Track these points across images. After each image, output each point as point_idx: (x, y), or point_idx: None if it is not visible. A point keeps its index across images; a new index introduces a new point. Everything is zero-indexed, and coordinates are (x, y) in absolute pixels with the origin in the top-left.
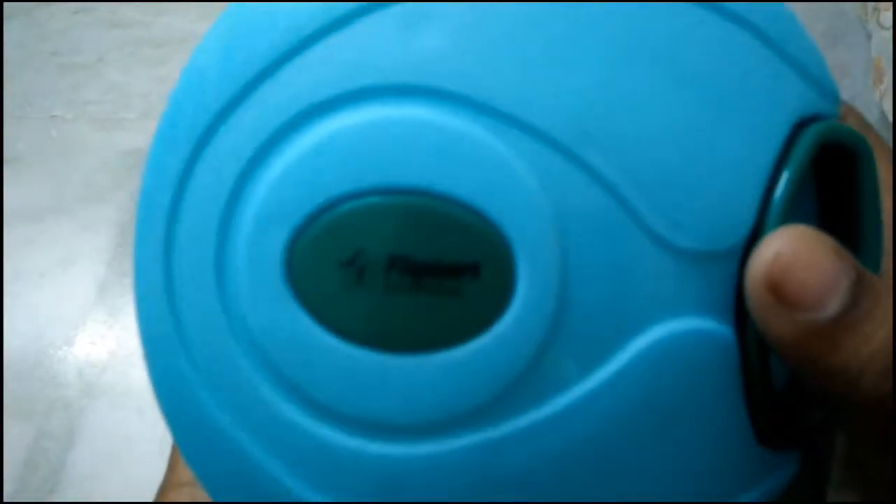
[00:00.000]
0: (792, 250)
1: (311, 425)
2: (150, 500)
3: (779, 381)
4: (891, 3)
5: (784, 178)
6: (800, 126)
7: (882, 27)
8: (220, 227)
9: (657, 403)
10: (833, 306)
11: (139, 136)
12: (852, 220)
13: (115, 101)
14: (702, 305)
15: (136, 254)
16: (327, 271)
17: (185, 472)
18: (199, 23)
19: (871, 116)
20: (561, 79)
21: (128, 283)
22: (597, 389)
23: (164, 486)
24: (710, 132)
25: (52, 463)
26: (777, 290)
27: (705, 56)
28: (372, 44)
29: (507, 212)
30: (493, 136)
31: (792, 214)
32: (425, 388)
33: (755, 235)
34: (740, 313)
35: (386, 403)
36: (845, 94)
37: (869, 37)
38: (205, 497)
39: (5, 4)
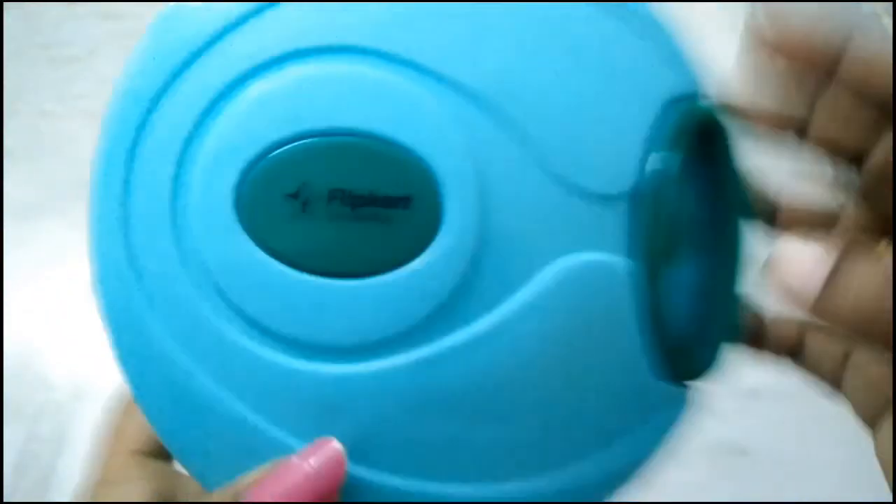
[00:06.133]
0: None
1: (257, 348)
2: None
3: (680, 323)
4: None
5: (659, 138)
6: (672, 103)
7: None
8: (176, 168)
9: (571, 325)
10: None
11: None
12: (727, 182)
13: (108, 95)
14: (603, 241)
15: (94, 194)
16: (274, 203)
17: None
18: None
19: None
20: (476, 44)
21: None
22: (518, 311)
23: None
24: (600, 98)
25: (42, 467)
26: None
27: (596, 41)
28: (309, 14)
29: (434, 151)
30: (417, 86)
31: (672, 171)
32: (364, 310)
33: (640, 183)
34: (633, 251)
35: (328, 325)
36: None
37: (884, 31)
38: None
39: None
